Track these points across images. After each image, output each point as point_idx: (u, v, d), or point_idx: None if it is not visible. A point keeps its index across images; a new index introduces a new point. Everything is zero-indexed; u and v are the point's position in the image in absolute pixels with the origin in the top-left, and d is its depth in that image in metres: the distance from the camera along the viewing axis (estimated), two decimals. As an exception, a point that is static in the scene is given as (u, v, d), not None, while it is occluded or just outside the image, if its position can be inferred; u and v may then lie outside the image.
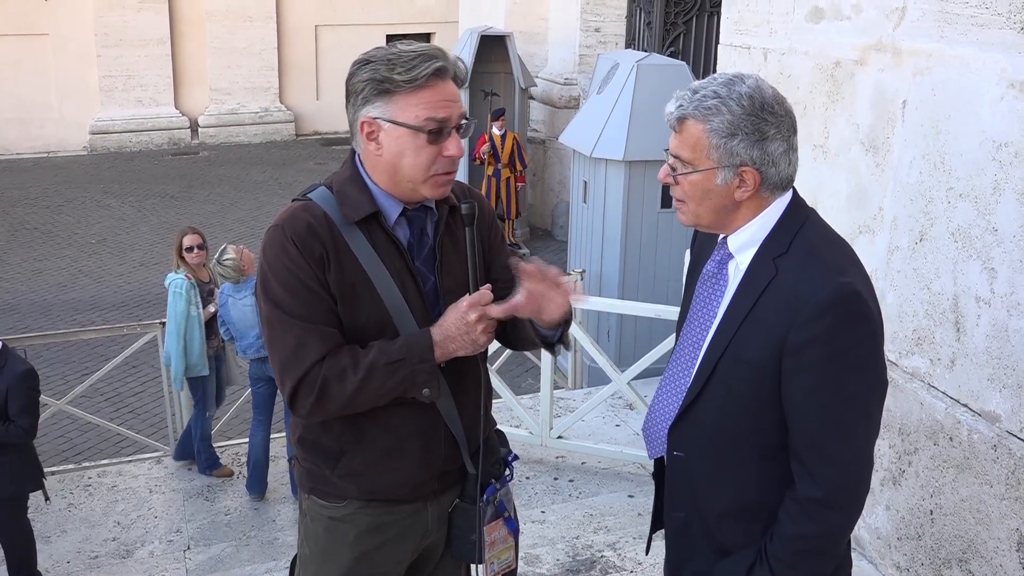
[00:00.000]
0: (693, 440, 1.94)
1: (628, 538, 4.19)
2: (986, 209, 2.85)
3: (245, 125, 18.35)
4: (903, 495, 3.29)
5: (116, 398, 7.82)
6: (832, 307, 1.74)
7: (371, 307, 2.01)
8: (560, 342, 2.13)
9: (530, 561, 3.97)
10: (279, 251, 1.99)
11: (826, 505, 1.80)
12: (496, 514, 2.21)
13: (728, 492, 1.93)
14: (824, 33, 3.57)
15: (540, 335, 2.10)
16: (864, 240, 3.38)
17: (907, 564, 3.30)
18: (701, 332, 1.95)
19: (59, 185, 15.05)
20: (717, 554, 1.96)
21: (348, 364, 1.96)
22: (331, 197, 2.04)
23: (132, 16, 17.16)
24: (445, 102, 1.96)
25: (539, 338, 2.11)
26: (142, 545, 4.95)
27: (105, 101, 17.39)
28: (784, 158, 1.84)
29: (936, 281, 3.08)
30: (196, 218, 13.30)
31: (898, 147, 3.22)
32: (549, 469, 5.13)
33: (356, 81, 1.97)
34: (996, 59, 2.77)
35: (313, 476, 2.17)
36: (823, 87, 3.59)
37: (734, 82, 1.82)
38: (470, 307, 1.98)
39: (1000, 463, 2.85)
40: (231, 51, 18.04)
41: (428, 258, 2.09)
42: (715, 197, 1.85)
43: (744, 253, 1.89)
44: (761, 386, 1.82)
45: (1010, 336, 2.79)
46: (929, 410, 3.13)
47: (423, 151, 1.96)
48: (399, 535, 2.18)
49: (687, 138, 1.83)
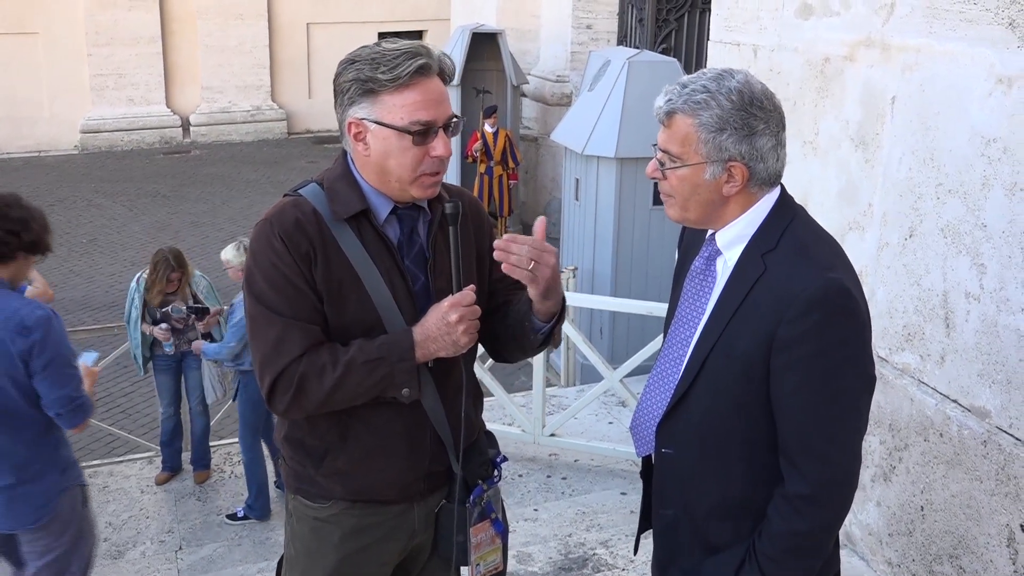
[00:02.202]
0: (681, 437, 1.94)
1: (620, 535, 4.19)
2: (975, 205, 2.85)
3: (237, 123, 18.32)
4: (894, 491, 3.29)
5: (107, 398, 7.80)
6: (820, 303, 1.74)
7: (359, 305, 2.00)
8: (551, 337, 2.11)
9: (522, 559, 3.96)
10: (265, 246, 1.98)
11: (815, 502, 1.79)
12: (483, 515, 2.19)
13: (717, 489, 1.92)
14: (813, 29, 3.57)
15: (533, 327, 2.07)
16: (854, 236, 3.38)
17: (898, 560, 3.30)
18: (689, 329, 1.94)
19: (50, 184, 14.99)
20: (706, 552, 1.95)
21: (327, 361, 1.95)
22: (322, 193, 2.03)
23: (123, 14, 17.11)
24: (431, 102, 1.94)
25: (531, 331, 2.08)
26: (134, 546, 4.94)
27: (96, 100, 17.34)
28: (772, 153, 1.83)
29: (926, 277, 3.08)
30: (188, 217, 13.29)
31: (887, 143, 3.22)
32: (542, 467, 5.13)
33: (342, 81, 1.97)
34: (984, 54, 2.77)
35: (299, 476, 2.16)
36: (812, 83, 3.59)
37: (723, 77, 1.81)
38: (451, 307, 1.97)
39: (990, 459, 2.85)
40: (222, 49, 18.01)
41: (418, 257, 2.08)
42: (703, 192, 1.84)
43: (732, 249, 1.88)
44: (750, 382, 1.82)
45: (1000, 332, 2.80)
46: (919, 406, 3.13)
47: (409, 152, 1.95)
48: (385, 536, 2.17)
49: (676, 132, 1.83)
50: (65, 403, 2.98)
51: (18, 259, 2.98)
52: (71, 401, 2.99)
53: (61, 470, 3.10)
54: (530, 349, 2.17)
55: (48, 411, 2.98)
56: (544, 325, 2.07)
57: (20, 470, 2.99)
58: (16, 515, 3.01)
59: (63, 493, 3.09)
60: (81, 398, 3.03)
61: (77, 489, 3.18)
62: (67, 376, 2.99)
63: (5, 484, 2.97)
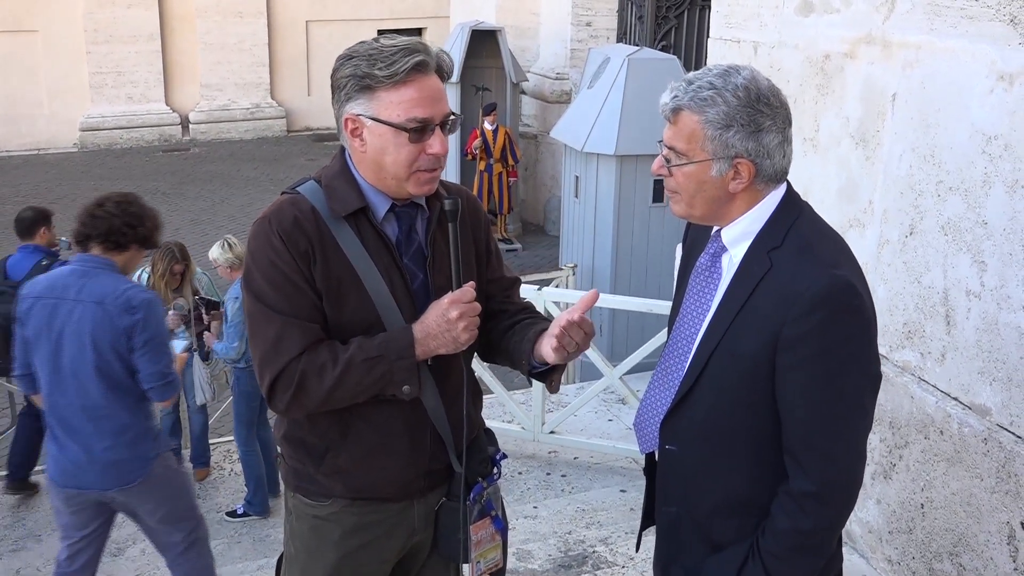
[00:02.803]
0: (685, 434, 1.94)
1: (620, 533, 4.19)
2: (976, 202, 2.84)
3: (236, 121, 18.29)
4: (894, 489, 3.29)
5: (107, 396, 7.78)
6: (826, 301, 1.74)
7: (358, 302, 2.00)
8: (545, 380, 2.13)
9: (522, 556, 3.96)
10: (264, 244, 1.97)
11: (819, 499, 1.79)
12: (483, 513, 2.19)
13: (720, 486, 1.92)
14: (814, 26, 3.57)
15: (531, 365, 2.09)
16: (854, 234, 3.38)
17: (898, 558, 3.30)
18: (694, 326, 1.94)
19: (49, 182, 14.97)
20: (709, 549, 1.95)
21: (327, 359, 1.95)
22: (320, 191, 2.03)
23: (122, 12, 17.08)
24: (428, 99, 1.94)
25: (527, 367, 2.11)
26: (133, 543, 4.93)
27: (95, 98, 17.31)
28: (779, 150, 1.83)
29: (926, 274, 3.08)
30: (187, 215, 13.28)
31: (888, 140, 3.21)
32: (541, 464, 5.13)
33: (339, 77, 1.96)
34: (986, 51, 2.77)
35: (299, 474, 2.16)
36: (813, 80, 3.59)
37: (729, 73, 1.80)
38: (451, 304, 1.97)
39: (991, 456, 2.85)
40: (222, 47, 17.97)
41: (416, 255, 2.08)
42: (709, 189, 1.84)
43: (738, 246, 1.88)
44: (755, 380, 1.81)
45: (1000, 329, 2.79)
46: (920, 404, 3.12)
47: (404, 149, 1.95)
48: (385, 534, 2.17)
49: (682, 129, 1.82)
50: (158, 378, 3.35)
51: (131, 250, 3.41)
52: (163, 377, 3.36)
53: (154, 436, 3.49)
54: (522, 373, 2.19)
55: (143, 384, 3.35)
56: (540, 367, 2.09)
57: (120, 434, 3.36)
58: (116, 475, 3.37)
59: (156, 457, 3.45)
60: (172, 375, 3.43)
61: (168, 453, 3.58)
62: (162, 354, 3.39)
63: (107, 446, 3.34)
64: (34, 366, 3.40)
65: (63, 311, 3.29)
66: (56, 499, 3.50)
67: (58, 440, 3.38)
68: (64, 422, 3.35)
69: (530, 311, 2.26)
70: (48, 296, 3.33)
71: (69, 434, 3.34)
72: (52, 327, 3.30)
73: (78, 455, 3.34)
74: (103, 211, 3.39)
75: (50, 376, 3.34)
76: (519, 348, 2.10)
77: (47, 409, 3.40)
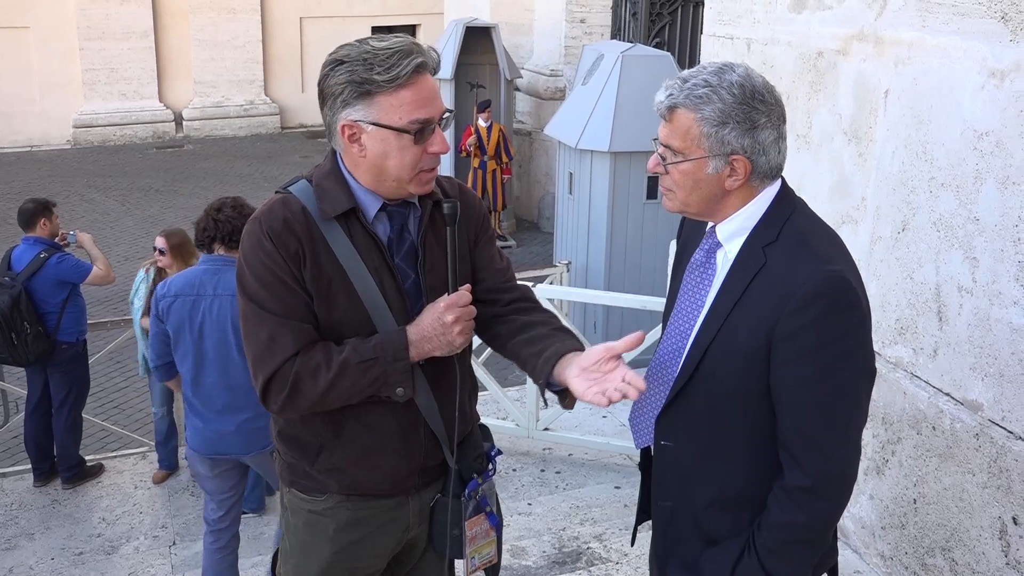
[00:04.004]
0: (681, 429, 1.94)
1: (614, 529, 4.19)
2: (968, 198, 2.85)
3: (230, 118, 18.28)
4: (887, 484, 3.30)
5: (101, 393, 7.78)
6: (821, 296, 1.74)
7: (348, 303, 1.99)
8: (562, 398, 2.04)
9: (516, 553, 3.96)
10: (255, 245, 1.97)
11: (814, 494, 1.80)
12: (478, 509, 2.20)
13: (716, 481, 1.93)
14: (806, 23, 3.57)
15: (548, 383, 2.00)
16: (847, 230, 3.39)
17: (891, 553, 3.31)
18: (689, 321, 1.95)
19: (42, 179, 14.93)
20: (704, 544, 1.96)
21: (321, 361, 1.95)
22: (311, 191, 2.02)
23: (115, 8, 17.05)
24: (427, 100, 1.93)
25: (541, 381, 2.02)
26: (127, 541, 4.94)
27: (88, 94, 17.27)
28: (774, 146, 1.83)
29: (919, 271, 3.09)
30: (181, 212, 13.24)
31: (880, 137, 3.22)
32: (536, 461, 5.13)
33: (332, 83, 1.92)
34: (977, 48, 2.78)
35: (294, 470, 2.16)
36: (806, 77, 3.59)
37: (724, 71, 1.81)
38: (447, 308, 1.97)
39: (982, 452, 2.86)
40: (215, 44, 17.96)
41: (408, 254, 2.07)
42: (705, 186, 1.84)
43: (733, 242, 1.88)
44: (750, 375, 1.82)
45: (992, 325, 2.80)
46: (912, 399, 3.14)
47: (408, 151, 1.94)
48: (379, 529, 2.17)
49: (677, 127, 1.82)
50: None
51: None
52: None
53: None
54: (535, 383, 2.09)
55: None
56: (557, 386, 2.01)
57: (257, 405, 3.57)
58: (257, 440, 3.77)
59: None
60: None
61: None
62: None
63: (247, 417, 3.75)
64: (175, 355, 3.82)
65: (203, 306, 3.73)
66: (200, 466, 3.93)
67: (201, 415, 3.81)
68: (209, 400, 3.78)
69: (529, 299, 2.22)
70: (187, 294, 3.75)
71: (215, 409, 3.78)
72: (194, 320, 3.73)
73: (224, 426, 3.78)
74: (223, 216, 3.81)
75: (195, 362, 3.76)
76: (534, 364, 2.03)
77: (192, 391, 3.81)
